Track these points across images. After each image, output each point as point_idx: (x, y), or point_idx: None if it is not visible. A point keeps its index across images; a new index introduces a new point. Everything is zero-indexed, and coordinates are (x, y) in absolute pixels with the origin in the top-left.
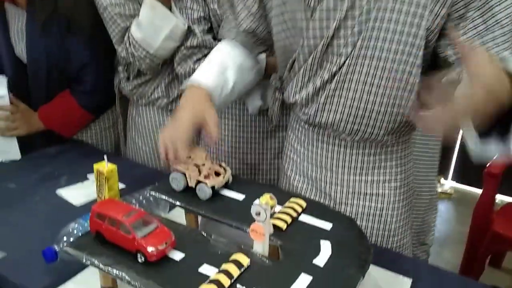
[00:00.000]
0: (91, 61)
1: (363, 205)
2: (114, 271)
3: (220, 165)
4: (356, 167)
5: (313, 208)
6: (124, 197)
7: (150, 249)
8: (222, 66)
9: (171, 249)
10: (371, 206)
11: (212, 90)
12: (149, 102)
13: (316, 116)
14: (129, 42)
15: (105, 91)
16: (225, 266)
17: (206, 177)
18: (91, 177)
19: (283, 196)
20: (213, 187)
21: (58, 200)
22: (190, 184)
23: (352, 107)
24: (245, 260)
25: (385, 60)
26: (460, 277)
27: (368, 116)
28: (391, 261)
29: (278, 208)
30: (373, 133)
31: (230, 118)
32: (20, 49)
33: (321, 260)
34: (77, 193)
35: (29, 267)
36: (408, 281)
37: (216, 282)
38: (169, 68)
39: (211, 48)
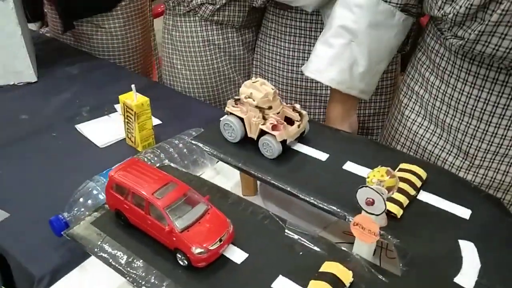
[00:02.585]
0: None
1: None
2: (141, 279)
3: (294, 109)
4: None
5: (439, 181)
6: (161, 143)
7: (196, 250)
8: None
9: (227, 246)
10: None
11: None
12: (189, 11)
13: (478, 43)
14: None
15: None
16: (315, 287)
17: (275, 126)
18: (120, 109)
19: (391, 157)
20: (283, 142)
21: (78, 138)
22: (250, 135)
23: None
24: (346, 276)
25: None
26: None
27: None
28: None
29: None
30: None
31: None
32: None
33: (466, 278)
34: (101, 130)
35: (35, 238)
36: None
37: None
38: None
39: None
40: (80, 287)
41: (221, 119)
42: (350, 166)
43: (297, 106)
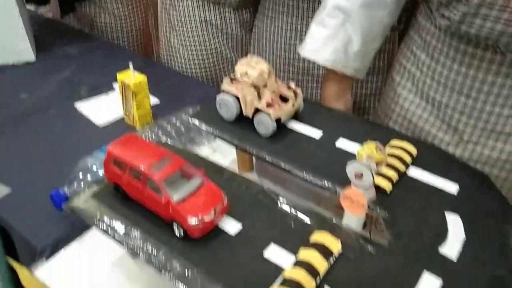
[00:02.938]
0: None
1: (501, 149)
2: (138, 249)
3: (289, 87)
4: (507, 96)
5: (429, 157)
6: (158, 121)
7: (192, 220)
8: None
9: (222, 217)
10: (509, 152)
11: None
12: None
13: (463, 24)
14: None
15: None
16: (305, 255)
17: (269, 104)
18: (118, 88)
19: (383, 134)
20: (278, 120)
21: (77, 117)
22: (245, 113)
23: None
24: (335, 245)
25: None
26: None
27: None
28: None
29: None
30: None
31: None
32: None
33: (451, 248)
34: (101, 109)
35: (36, 211)
36: None
37: (294, 284)
38: None
39: None
40: (80, 258)
41: (217, 97)
42: (343, 143)
43: (292, 84)
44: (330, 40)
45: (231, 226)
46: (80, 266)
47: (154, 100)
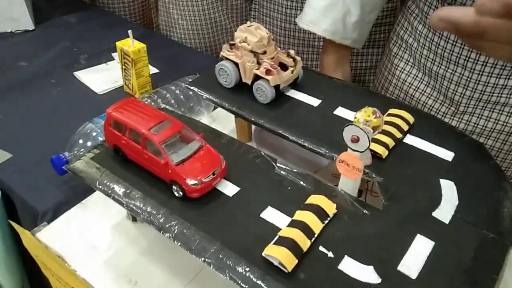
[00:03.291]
0: None
1: (496, 119)
2: (138, 209)
3: (288, 54)
4: (502, 66)
5: (426, 125)
6: (158, 89)
7: (190, 181)
8: None
9: (220, 180)
10: (504, 122)
11: None
12: None
13: None
14: None
15: None
16: (300, 216)
17: (268, 71)
18: (117, 57)
19: (382, 103)
20: (277, 86)
21: (76, 85)
22: (244, 80)
23: None
24: (330, 208)
25: None
26: None
27: None
28: None
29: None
30: None
31: None
32: None
33: (444, 212)
34: (100, 78)
35: (37, 176)
36: None
37: (290, 242)
38: None
39: None
40: (81, 222)
41: (217, 64)
42: (341, 111)
43: (292, 51)
44: (329, 10)
45: (229, 189)
46: (81, 230)
47: (153, 69)
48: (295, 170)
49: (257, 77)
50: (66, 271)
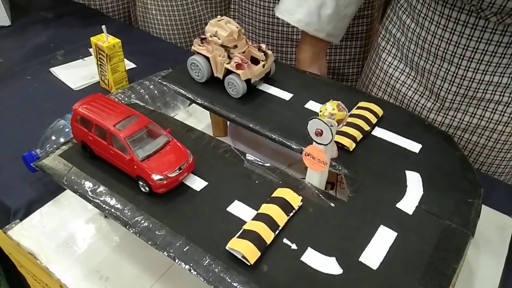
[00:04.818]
0: None
1: (480, 115)
2: (105, 204)
3: (260, 48)
4: (487, 63)
5: (395, 118)
6: (132, 84)
7: (156, 176)
8: None
9: (187, 175)
10: (488, 119)
11: None
12: None
13: None
14: None
15: None
16: (265, 209)
17: (239, 65)
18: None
19: (354, 97)
20: (248, 81)
21: (52, 81)
22: (216, 74)
23: None
24: (295, 200)
25: None
26: None
27: None
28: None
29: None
30: None
31: None
32: None
33: (408, 204)
34: (76, 73)
35: (10, 173)
36: None
37: (254, 235)
38: None
39: None
40: (54, 218)
41: (189, 59)
42: (312, 105)
43: (263, 45)
44: (304, 1)
45: (197, 184)
46: (53, 227)
47: (130, 64)
48: (264, 164)
49: (228, 72)
50: (39, 268)
